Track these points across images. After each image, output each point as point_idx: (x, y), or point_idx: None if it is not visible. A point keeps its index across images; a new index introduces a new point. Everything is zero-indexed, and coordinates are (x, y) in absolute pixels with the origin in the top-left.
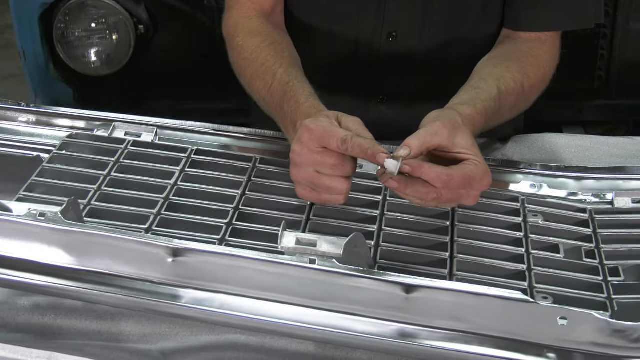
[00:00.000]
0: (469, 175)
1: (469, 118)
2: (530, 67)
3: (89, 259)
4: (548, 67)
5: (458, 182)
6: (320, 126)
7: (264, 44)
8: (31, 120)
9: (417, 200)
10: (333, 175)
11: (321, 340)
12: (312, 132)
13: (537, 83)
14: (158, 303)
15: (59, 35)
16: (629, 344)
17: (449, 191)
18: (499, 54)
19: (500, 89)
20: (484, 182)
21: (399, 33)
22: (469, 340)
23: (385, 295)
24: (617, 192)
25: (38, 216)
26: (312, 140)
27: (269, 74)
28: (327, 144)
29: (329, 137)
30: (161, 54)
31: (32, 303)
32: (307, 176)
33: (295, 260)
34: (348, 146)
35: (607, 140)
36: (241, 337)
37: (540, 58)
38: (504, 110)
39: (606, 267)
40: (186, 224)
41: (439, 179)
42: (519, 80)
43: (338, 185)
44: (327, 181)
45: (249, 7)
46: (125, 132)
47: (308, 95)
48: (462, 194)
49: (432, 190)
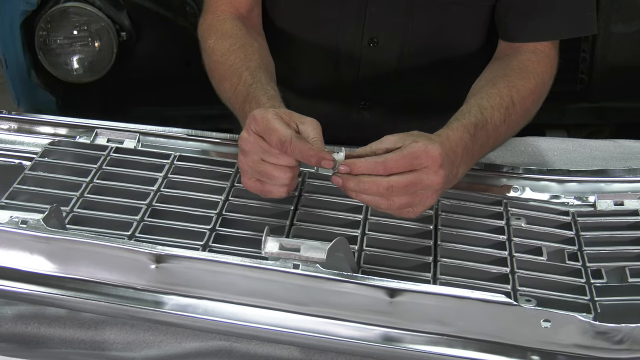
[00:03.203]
0: (408, 152)
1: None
2: (519, 80)
3: (72, 267)
4: (539, 76)
5: (398, 163)
6: (265, 118)
7: (234, 47)
8: (13, 127)
9: (378, 200)
10: (277, 164)
11: (306, 345)
12: (257, 122)
13: (528, 94)
14: (141, 310)
15: (41, 43)
16: (612, 345)
17: (397, 178)
18: (488, 74)
19: (481, 106)
20: (429, 155)
21: (380, 39)
22: (453, 343)
23: (369, 299)
24: (599, 194)
25: (20, 224)
26: (258, 128)
27: (235, 76)
28: (268, 139)
29: (270, 132)
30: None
31: (15, 312)
32: (252, 164)
33: (279, 265)
34: (287, 148)
35: (589, 143)
36: (225, 343)
37: (530, 70)
38: (495, 124)
39: (589, 269)
40: (169, 230)
41: (376, 166)
42: (506, 95)
43: (281, 174)
44: (271, 169)
45: (223, 10)
46: (108, 138)
47: (270, 97)
48: (418, 177)
49: (377, 180)
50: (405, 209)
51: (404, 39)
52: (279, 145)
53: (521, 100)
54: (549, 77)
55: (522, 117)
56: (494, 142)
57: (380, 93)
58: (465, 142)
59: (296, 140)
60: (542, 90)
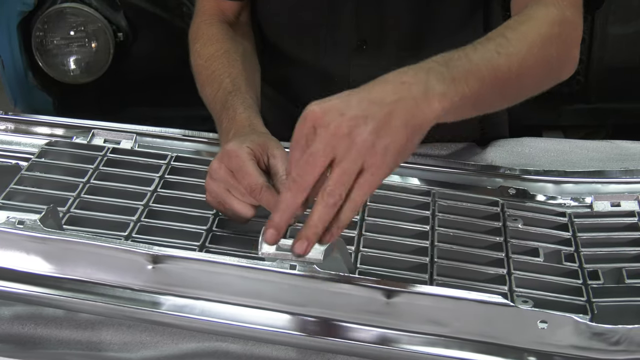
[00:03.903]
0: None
1: None
2: (512, 22)
3: (69, 267)
4: (534, 19)
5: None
6: (239, 158)
7: (218, 52)
8: (9, 128)
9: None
10: (241, 200)
11: (303, 346)
12: (230, 159)
13: (524, 32)
14: (138, 310)
15: (38, 44)
16: (609, 346)
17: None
18: None
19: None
20: (301, 131)
21: (369, 41)
22: (450, 344)
23: (366, 300)
24: (596, 195)
25: (17, 224)
26: (230, 165)
27: (216, 82)
28: (239, 179)
29: (242, 174)
30: (141, 61)
31: (12, 313)
32: (218, 191)
33: (276, 266)
34: (255, 195)
35: (586, 144)
36: (222, 344)
37: (526, 14)
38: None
39: (586, 270)
40: (166, 230)
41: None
42: (496, 34)
43: (243, 210)
44: (235, 204)
45: (211, 14)
46: (105, 139)
47: (247, 106)
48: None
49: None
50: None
51: (392, 40)
52: (248, 190)
53: (519, 37)
54: (562, 19)
55: (531, 54)
56: (493, 73)
57: None
58: (427, 66)
59: (266, 191)
60: (553, 29)
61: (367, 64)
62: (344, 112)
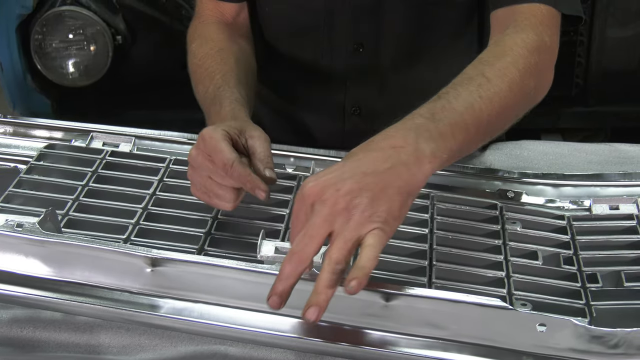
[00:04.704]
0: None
1: None
2: (491, 56)
3: (67, 270)
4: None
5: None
6: (213, 138)
7: (212, 51)
8: (8, 131)
9: None
10: (222, 184)
11: (301, 349)
12: (205, 141)
13: (503, 68)
14: (137, 313)
15: (37, 47)
16: (608, 350)
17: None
18: None
19: (441, 93)
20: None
21: (366, 45)
22: (448, 347)
23: (365, 303)
24: (594, 198)
25: (15, 227)
26: (205, 148)
27: (208, 79)
28: (214, 160)
29: (216, 153)
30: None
31: (10, 316)
32: (200, 179)
33: (275, 269)
34: (227, 172)
35: (584, 147)
36: (221, 347)
37: (504, 44)
38: (466, 101)
39: (584, 273)
40: (165, 233)
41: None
42: (475, 74)
43: (226, 194)
44: (217, 188)
45: (209, 15)
46: (103, 142)
47: (233, 100)
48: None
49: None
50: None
51: (389, 43)
52: (221, 168)
53: (498, 74)
54: (526, 50)
55: (511, 92)
56: (477, 120)
57: (370, 98)
58: (415, 124)
59: (237, 165)
60: (520, 65)
61: (364, 67)
62: (339, 188)
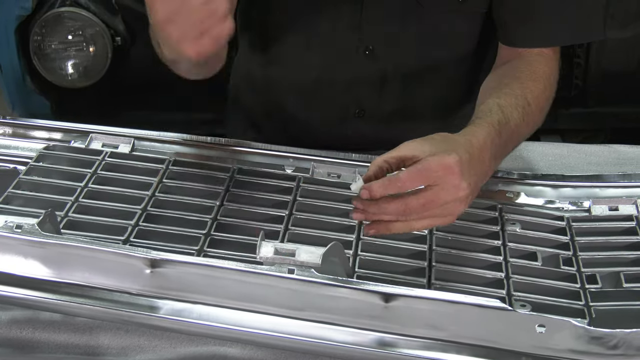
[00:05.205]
0: (423, 167)
1: (470, 134)
2: (529, 81)
3: (67, 271)
4: (547, 79)
5: (413, 180)
6: None
7: None
8: (7, 132)
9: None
10: None
11: (300, 350)
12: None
13: (540, 94)
14: (136, 315)
15: (36, 48)
16: (607, 350)
17: (413, 198)
18: (497, 77)
19: (500, 104)
20: (445, 168)
21: (376, 48)
22: (448, 348)
23: (364, 304)
24: (594, 199)
25: (15, 228)
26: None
27: None
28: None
29: None
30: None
31: (10, 317)
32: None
33: (274, 270)
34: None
35: (584, 148)
36: (220, 348)
37: (538, 72)
38: (515, 122)
39: (584, 274)
40: (164, 235)
41: (390, 185)
42: (520, 95)
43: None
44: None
45: None
46: (103, 143)
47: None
48: (435, 194)
49: (391, 200)
50: (428, 227)
51: (399, 48)
52: None
53: (535, 100)
54: (554, 78)
55: (538, 116)
56: (516, 141)
57: (375, 101)
58: (492, 137)
59: None
60: (551, 91)
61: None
62: (471, 185)
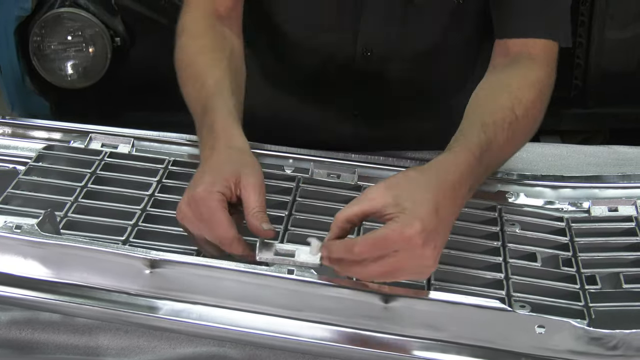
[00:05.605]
0: (375, 240)
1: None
2: (520, 90)
3: (66, 271)
4: (541, 84)
5: (369, 250)
6: (209, 208)
7: (204, 49)
8: (7, 132)
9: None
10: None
11: (300, 350)
12: (199, 207)
13: (531, 105)
14: (135, 315)
15: (35, 49)
16: (607, 351)
17: (374, 267)
18: (488, 85)
19: (484, 123)
20: (405, 239)
21: (375, 49)
22: (447, 349)
23: (364, 305)
24: (593, 200)
25: (14, 228)
26: (197, 211)
27: (199, 82)
28: (209, 227)
29: (212, 225)
30: (138, 65)
31: (9, 318)
32: (190, 229)
33: (274, 270)
34: (226, 249)
35: (583, 149)
36: (220, 348)
37: (531, 77)
38: (499, 144)
39: (583, 275)
40: (164, 235)
41: (346, 254)
42: (508, 109)
43: (215, 253)
44: (206, 247)
45: (202, 8)
46: (102, 143)
47: (226, 114)
48: (396, 264)
49: (353, 264)
50: None
51: (398, 49)
52: (218, 241)
53: (524, 113)
54: (549, 84)
55: (527, 129)
56: (499, 163)
57: (373, 102)
58: (472, 168)
59: (236, 243)
60: (544, 97)
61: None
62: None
